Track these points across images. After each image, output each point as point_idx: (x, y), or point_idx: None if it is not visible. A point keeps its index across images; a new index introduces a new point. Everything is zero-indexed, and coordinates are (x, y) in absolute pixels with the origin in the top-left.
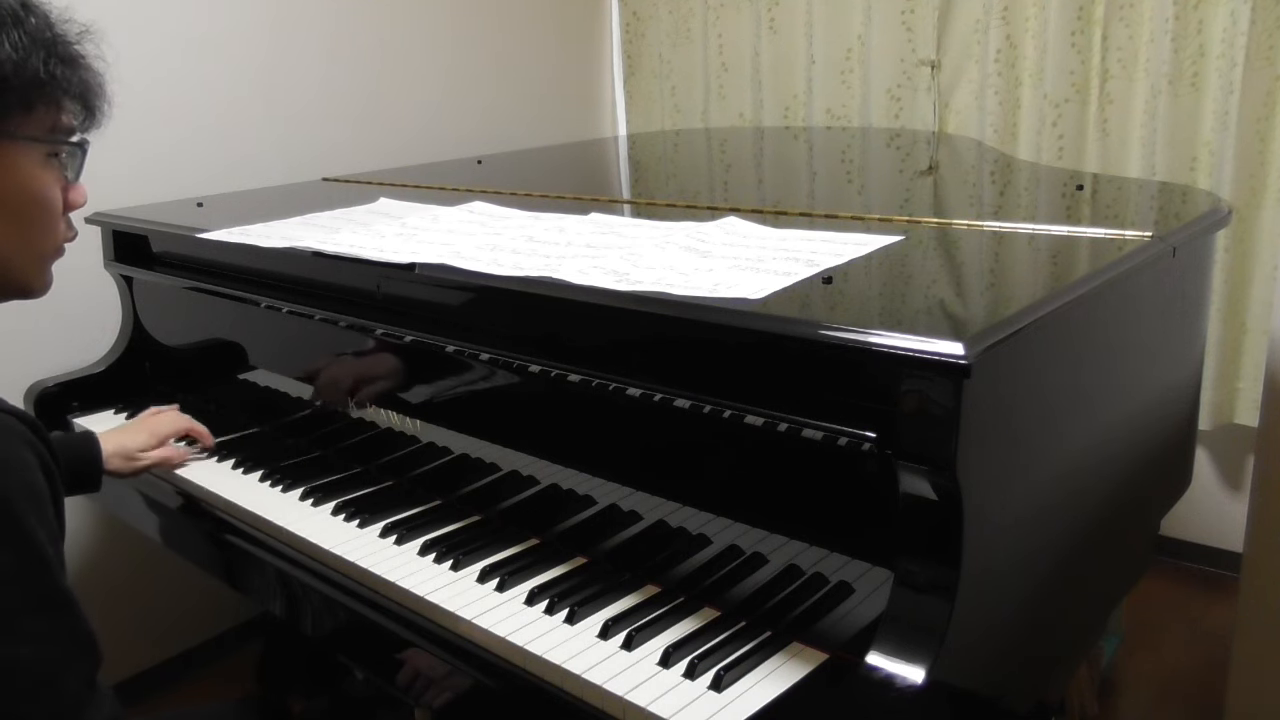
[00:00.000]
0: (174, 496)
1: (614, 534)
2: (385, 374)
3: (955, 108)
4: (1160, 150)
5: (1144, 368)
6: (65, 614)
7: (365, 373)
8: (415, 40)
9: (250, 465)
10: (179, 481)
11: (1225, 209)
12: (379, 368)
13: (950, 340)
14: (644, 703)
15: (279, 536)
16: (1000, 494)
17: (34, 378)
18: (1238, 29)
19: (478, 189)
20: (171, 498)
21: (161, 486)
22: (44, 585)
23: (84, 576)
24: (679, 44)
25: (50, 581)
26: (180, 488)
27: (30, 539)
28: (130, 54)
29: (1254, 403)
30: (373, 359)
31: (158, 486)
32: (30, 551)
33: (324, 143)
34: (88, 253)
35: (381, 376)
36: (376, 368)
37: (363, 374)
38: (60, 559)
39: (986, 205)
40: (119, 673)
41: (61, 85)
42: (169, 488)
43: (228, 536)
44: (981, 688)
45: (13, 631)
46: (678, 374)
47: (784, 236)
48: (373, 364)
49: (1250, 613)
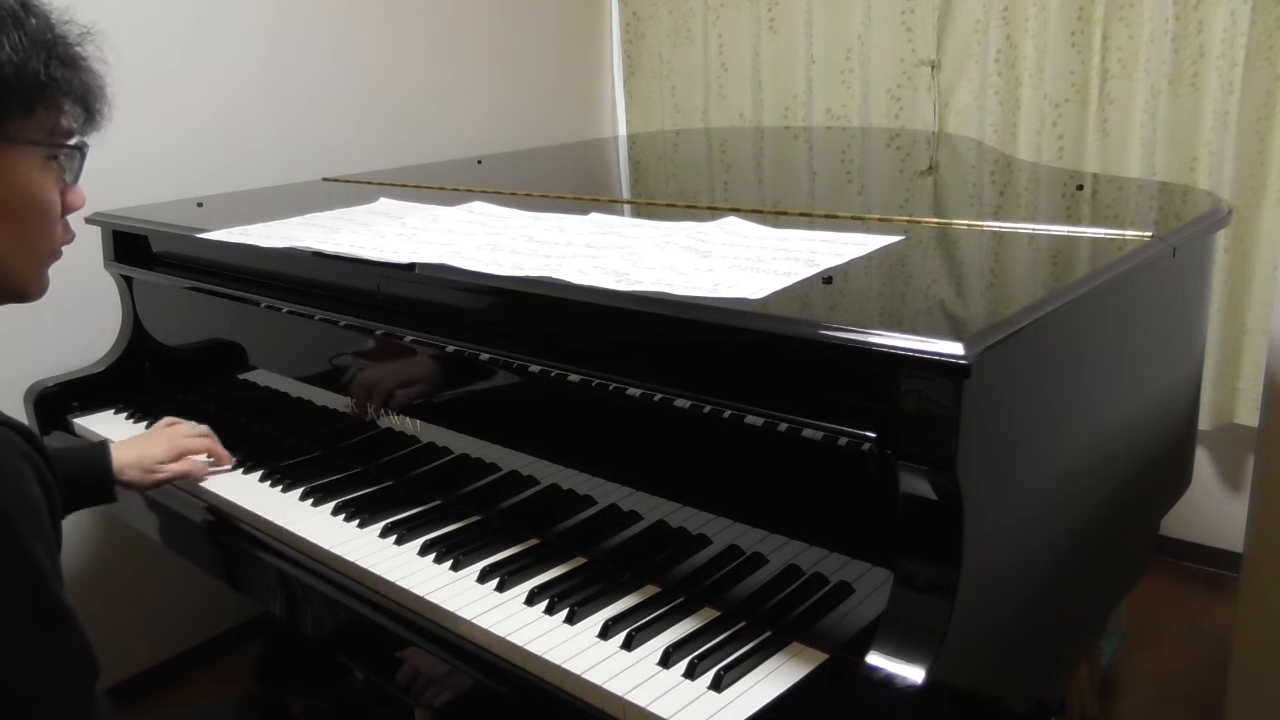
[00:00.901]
0: (174, 496)
1: (614, 534)
2: (385, 374)
3: (955, 108)
4: (1160, 150)
5: (1144, 368)
6: (63, 628)
7: (366, 373)
8: (415, 41)
9: (250, 465)
10: (179, 482)
11: (1225, 209)
12: (379, 368)
13: (950, 340)
14: (644, 703)
15: (279, 536)
16: (1000, 494)
17: (34, 378)
18: (1238, 29)
19: (478, 189)
20: (171, 498)
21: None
22: (42, 600)
23: (84, 576)
24: (679, 44)
25: (48, 596)
26: (180, 488)
27: (27, 554)
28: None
29: (1254, 403)
30: (372, 359)
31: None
32: (27, 566)
33: (324, 143)
34: (88, 253)
35: (382, 377)
36: (377, 368)
37: (363, 374)
38: (58, 571)
39: (986, 205)
40: (119, 673)
41: (62, 88)
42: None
43: (227, 536)
44: (981, 688)
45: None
46: (678, 374)
47: (784, 236)
48: (373, 364)
49: (1250, 613)
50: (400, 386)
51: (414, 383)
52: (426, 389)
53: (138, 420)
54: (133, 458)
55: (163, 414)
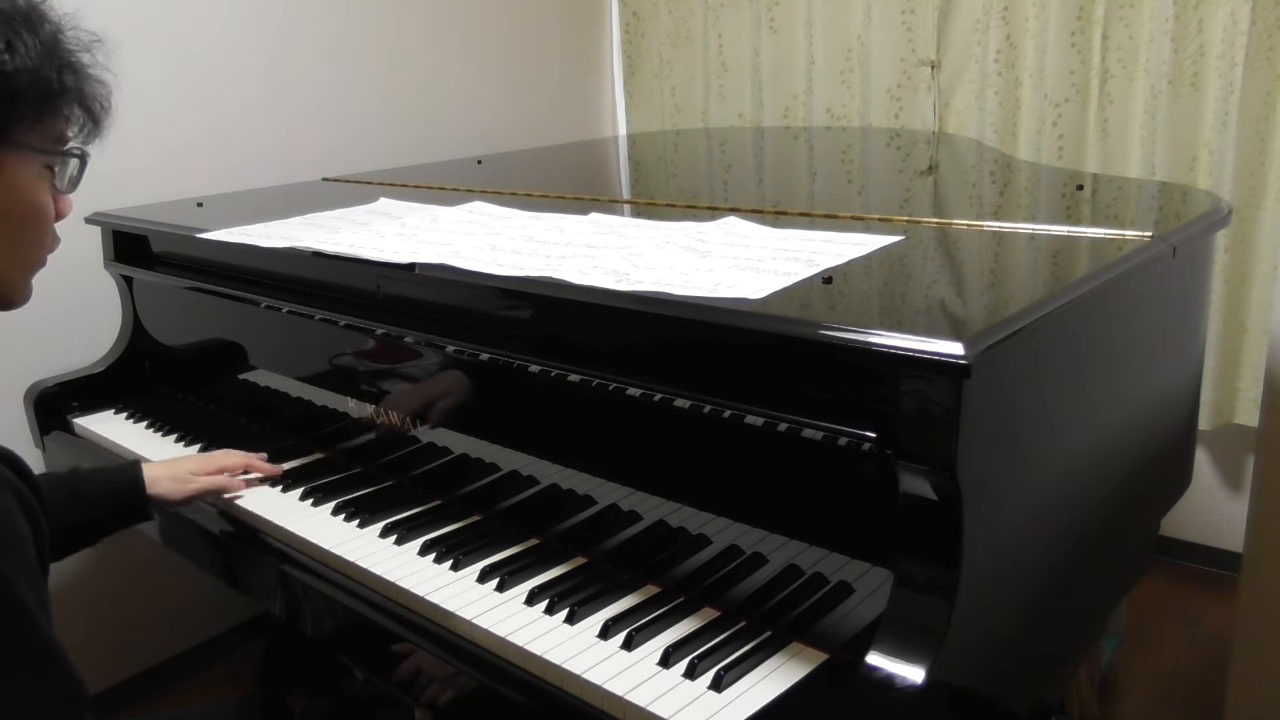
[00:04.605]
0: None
1: (614, 534)
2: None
3: (955, 108)
4: (1160, 150)
5: (1144, 368)
6: (50, 666)
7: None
8: (415, 41)
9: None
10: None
11: (1225, 209)
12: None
13: (950, 340)
14: (644, 703)
15: (279, 536)
16: (1000, 494)
17: (34, 378)
18: (1238, 29)
19: (478, 189)
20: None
21: None
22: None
23: (84, 577)
24: (679, 44)
25: (33, 634)
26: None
27: (9, 591)
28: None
29: (1254, 403)
30: (372, 359)
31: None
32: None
33: (324, 143)
34: (88, 253)
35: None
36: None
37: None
38: (44, 602)
39: (986, 205)
40: (118, 673)
41: (71, 95)
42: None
43: (228, 536)
44: (981, 688)
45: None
46: (678, 374)
47: (784, 236)
48: (373, 365)
49: (1250, 613)
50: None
51: (414, 383)
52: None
53: (138, 420)
54: (165, 470)
55: (163, 414)
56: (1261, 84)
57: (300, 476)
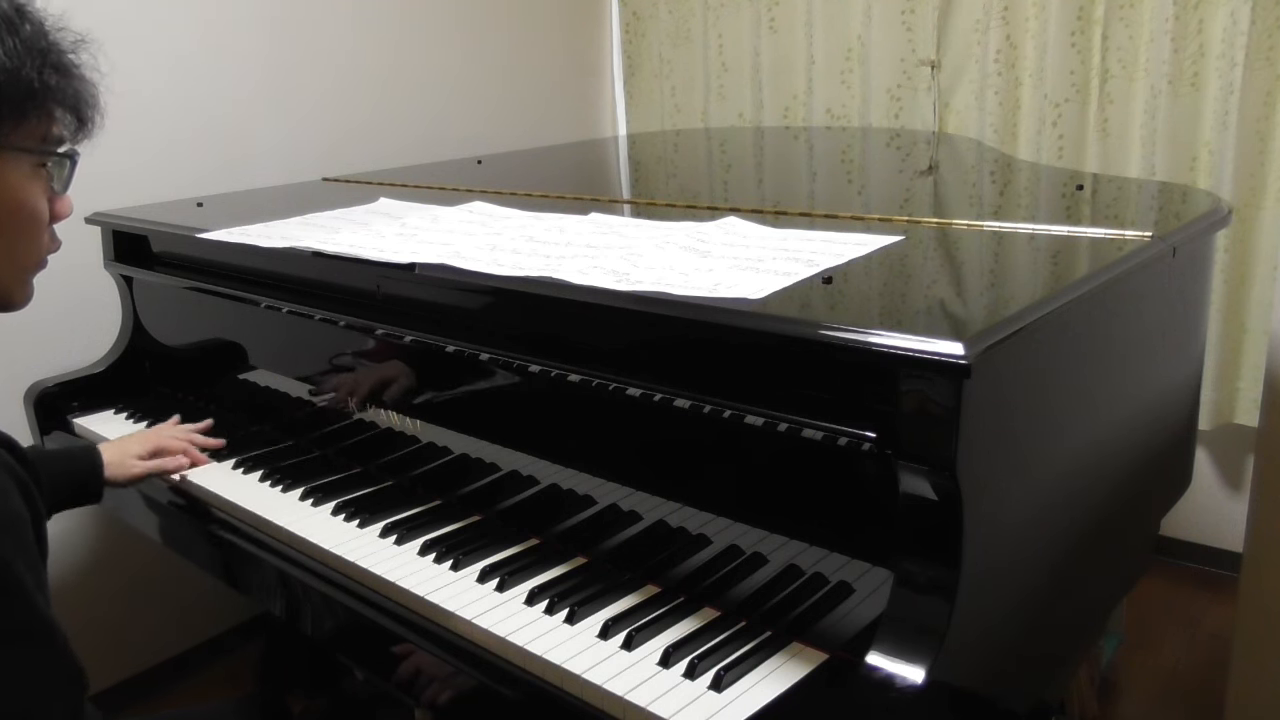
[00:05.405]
0: (174, 496)
1: (614, 534)
2: (385, 374)
3: (955, 108)
4: (1160, 150)
5: (1144, 368)
6: (46, 645)
7: (366, 373)
8: (415, 41)
9: (250, 465)
10: (179, 482)
11: (1225, 209)
12: (379, 368)
13: (950, 340)
14: (644, 703)
15: (279, 536)
16: (1000, 494)
17: (34, 378)
18: (1238, 29)
19: (478, 189)
20: (171, 497)
21: (161, 487)
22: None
23: (84, 576)
24: (679, 44)
25: (30, 612)
26: (180, 488)
27: (6, 569)
28: (131, 53)
29: (1254, 403)
30: (373, 359)
31: (157, 487)
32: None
33: (324, 143)
34: (88, 253)
35: (382, 377)
36: (377, 368)
37: (363, 374)
38: (41, 583)
39: (986, 205)
40: (118, 673)
41: (55, 95)
42: (168, 488)
43: (228, 536)
44: (981, 688)
45: None
46: (678, 374)
47: (784, 236)
48: (373, 364)
49: (1250, 613)
50: (400, 386)
51: (413, 382)
52: (426, 389)
53: (138, 420)
54: (113, 455)
55: (163, 414)
56: (1261, 84)
57: (300, 476)
